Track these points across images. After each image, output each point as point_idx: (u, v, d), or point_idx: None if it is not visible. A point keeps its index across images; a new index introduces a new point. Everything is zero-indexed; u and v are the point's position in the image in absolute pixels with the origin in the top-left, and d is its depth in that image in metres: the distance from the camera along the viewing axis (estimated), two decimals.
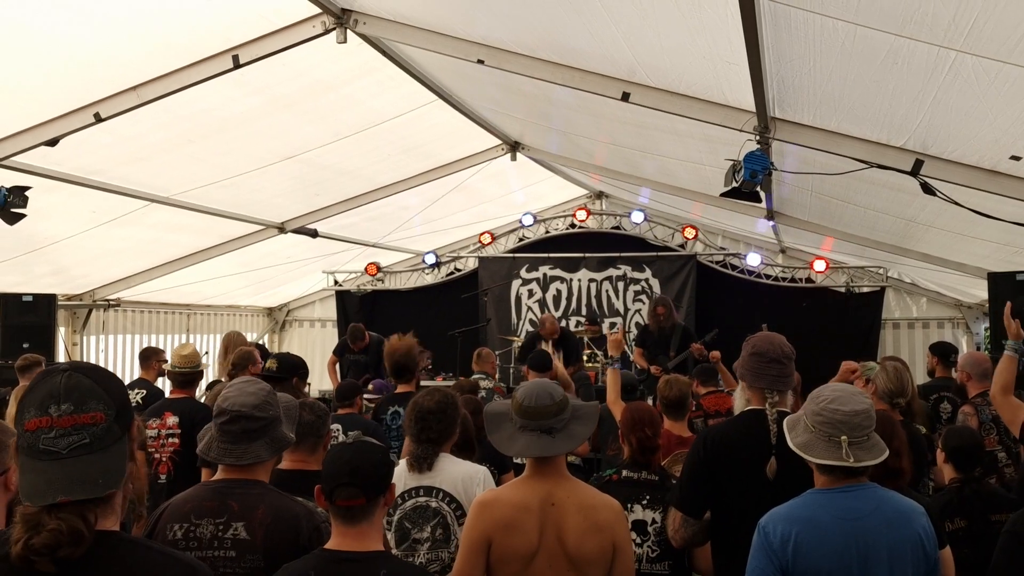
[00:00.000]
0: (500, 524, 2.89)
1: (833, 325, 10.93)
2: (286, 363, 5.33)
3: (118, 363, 10.44)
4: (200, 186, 7.58)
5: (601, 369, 9.10)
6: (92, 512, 1.68)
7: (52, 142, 5.73)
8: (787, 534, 2.61)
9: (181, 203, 7.81)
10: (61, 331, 9.18)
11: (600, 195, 12.80)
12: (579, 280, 12.08)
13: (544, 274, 12.15)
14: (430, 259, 12.45)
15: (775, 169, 5.22)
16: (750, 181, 4.90)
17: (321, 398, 8.92)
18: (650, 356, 9.38)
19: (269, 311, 13.60)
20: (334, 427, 4.80)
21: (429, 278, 12.72)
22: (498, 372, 9.27)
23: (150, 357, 6.90)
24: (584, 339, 10.34)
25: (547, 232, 12.55)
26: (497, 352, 9.77)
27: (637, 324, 11.65)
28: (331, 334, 12.90)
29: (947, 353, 6.74)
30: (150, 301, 10.77)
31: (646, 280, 11.89)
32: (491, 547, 2.90)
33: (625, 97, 5.31)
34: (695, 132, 6.20)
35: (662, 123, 6.21)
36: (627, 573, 2.95)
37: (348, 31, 5.38)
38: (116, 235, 8.24)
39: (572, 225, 12.35)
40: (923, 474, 4.40)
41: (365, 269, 12.39)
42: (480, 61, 5.51)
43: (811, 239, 10.31)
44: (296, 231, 9.60)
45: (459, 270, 12.71)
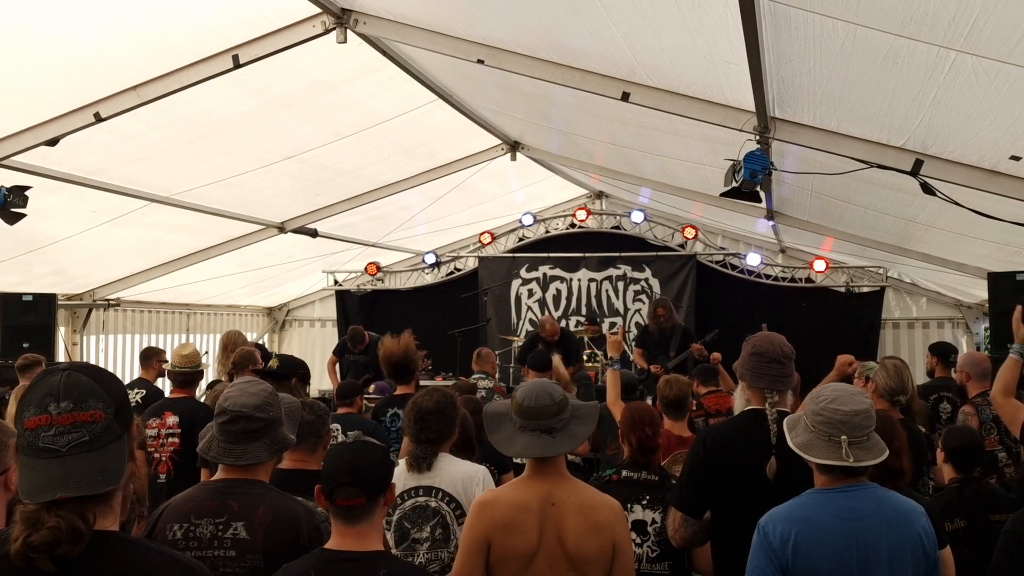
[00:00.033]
0: (500, 524, 2.89)
1: (833, 325, 10.92)
2: (287, 362, 5.32)
3: (118, 363, 10.43)
4: (200, 186, 7.57)
5: (601, 369, 9.10)
6: (91, 511, 1.68)
7: (52, 142, 5.73)
8: (787, 534, 2.61)
9: (181, 203, 7.81)
10: (61, 331, 9.18)
11: (600, 195, 12.80)
12: (579, 280, 12.08)
13: (544, 274, 12.15)
14: (430, 259, 12.44)
15: (775, 169, 5.22)
16: (750, 181, 4.90)
17: (321, 398, 8.93)
18: (650, 357, 9.39)
19: (269, 311, 13.60)
20: (333, 427, 4.80)
21: (429, 278, 12.72)
22: (498, 372, 9.28)
23: (151, 357, 6.90)
24: (584, 339, 10.34)
25: (547, 232, 12.55)
26: (497, 352, 9.77)
27: (637, 324, 11.64)
28: (331, 334, 12.90)
29: (947, 353, 6.73)
30: (150, 301, 10.77)
31: (646, 280, 11.89)
32: (491, 547, 2.89)
33: (625, 97, 5.31)
34: (695, 132, 6.20)
35: (662, 123, 6.21)
36: (627, 573, 2.95)
37: (348, 31, 5.38)
38: (116, 235, 8.24)
39: (572, 225, 12.34)
40: (923, 474, 4.41)
41: (365, 269, 12.39)
42: (480, 61, 5.51)
43: (811, 239, 10.30)
44: (296, 231, 9.60)
45: (459, 270, 12.70)
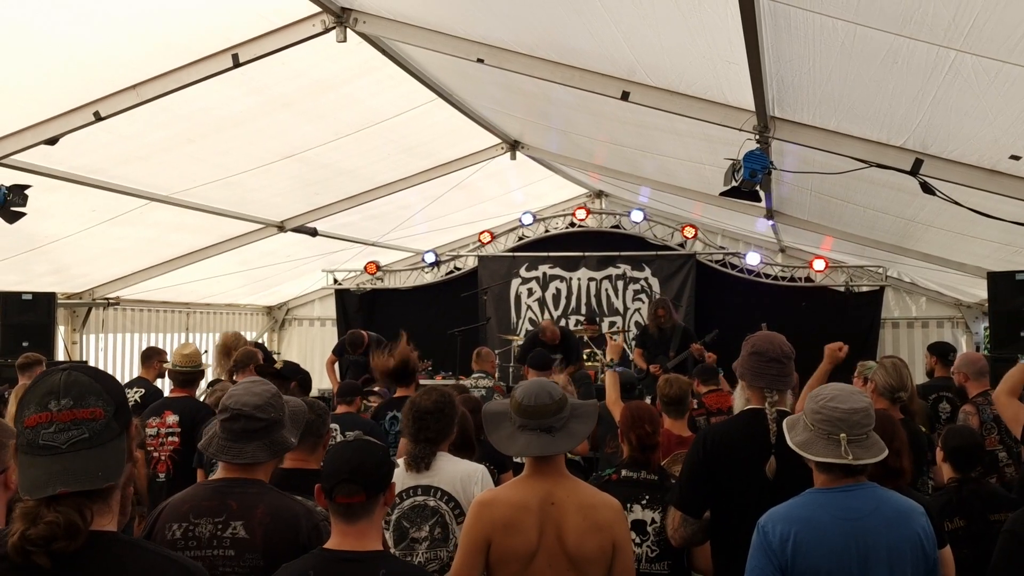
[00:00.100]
0: (499, 524, 2.88)
1: (832, 324, 10.88)
2: (291, 366, 5.42)
3: (117, 362, 10.43)
4: (200, 185, 7.57)
5: (600, 369, 9.10)
6: (89, 508, 1.68)
7: (52, 141, 5.73)
8: (786, 534, 2.61)
9: (181, 202, 7.81)
10: (61, 330, 9.17)
11: (600, 194, 12.80)
12: (578, 279, 12.08)
13: (544, 273, 12.15)
14: (429, 258, 12.43)
15: (775, 168, 5.22)
16: (750, 180, 4.90)
17: (320, 397, 8.92)
18: (650, 357, 9.39)
19: (268, 310, 13.60)
20: (332, 427, 4.79)
21: (428, 277, 12.72)
22: (498, 371, 9.28)
23: (151, 357, 6.90)
24: (583, 338, 10.34)
25: (547, 231, 12.55)
26: (497, 351, 9.78)
27: (637, 323, 11.65)
28: (330, 333, 12.90)
29: (945, 352, 6.73)
30: (149, 300, 10.76)
31: (645, 279, 11.89)
32: (490, 547, 2.89)
33: (625, 96, 5.31)
34: (695, 131, 6.20)
35: (662, 122, 6.21)
36: (627, 572, 2.95)
37: (348, 30, 5.38)
38: (115, 234, 8.24)
39: (572, 224, 12.34)
40: (923, 474, 4.41)
41: (364, 268, 12.38)
42: (480, 60, 5.51)
43: (810, 238, 10.30)
44: (296, 230, 9.60)
45: (458, 269, 12.70)
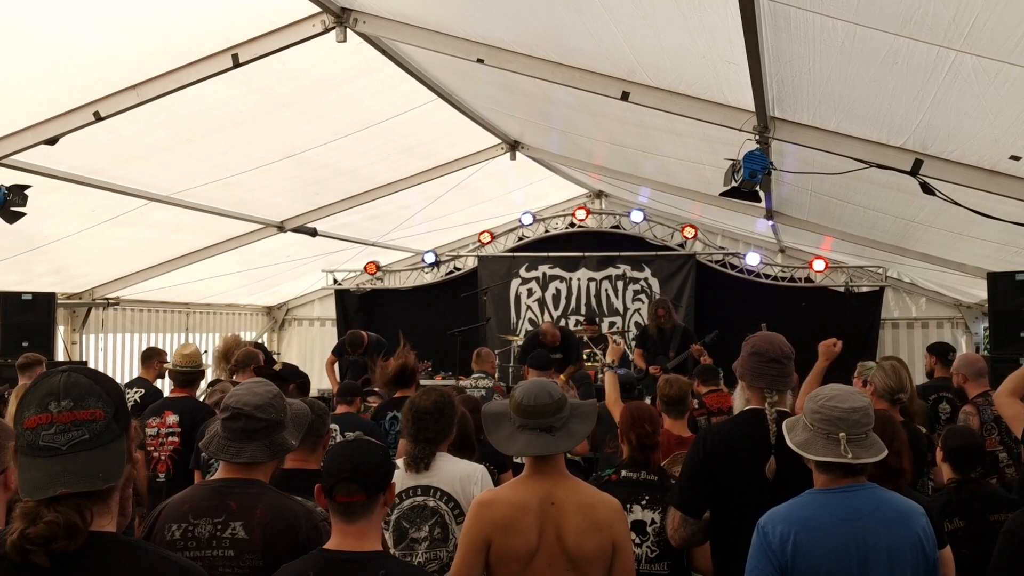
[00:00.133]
0: (499, 524, 2.88)
1: (832, 325, 10.76)
2: (291, 369, 5.44)
3: (117, 362, 10.42)
4: (199, 185, 7.57)
5: (600, 370, 9.10)
6: (89, 509, 1.68)
7: (52, 141, 5.73)
8: (786, 534, 2.61)
9: (180, 202, 7.80)
10: (60, 330, 9.17)
11: (600, 194, 12.80)
12: (578, 279, 12.08)
13: (543, 273, 12.15)
14: (429, 258, 12.43)
15: (774, 169, 5.22)
16: (749, 180, 4.90)
17: (320, 397, 8.92)
18: (650, 357, 9.39)
19: (268, 310, 13.60)
20: (332, 427, 4.79)
21: (428, 277, 12.72)
22: (497, 371, 9.28)
23: (152, 357, 6.90)
24: (583, 338, 10.34)
25: (546, 231, 12.55)
26: (497, 351, 9.78)
27: (636, 323, 11.65)
28: (330, 333, 12.90)
29: (945, 353, 6.71)
30: (149, 300, 10.76)
31: (645, 279, 11.89)
32: (490, 547, 2.89)
33: (625, 96, 5.31)
34: (695, 132, 6.20)
35: (662, 123, 6.21)
36: (627, 572, 2.95)
37: (348, 30, 5.38)
38: (115, 234, 8.24)
39: (571, 224, 12.33)
40: (923, 474, 4.40)
41: (364, 268, 12.38)
42: (480, 60, 5.51)
43: (810, 239, 10.31)
44: (295, 230, 9.60)
45: (458, 269, 12.70)
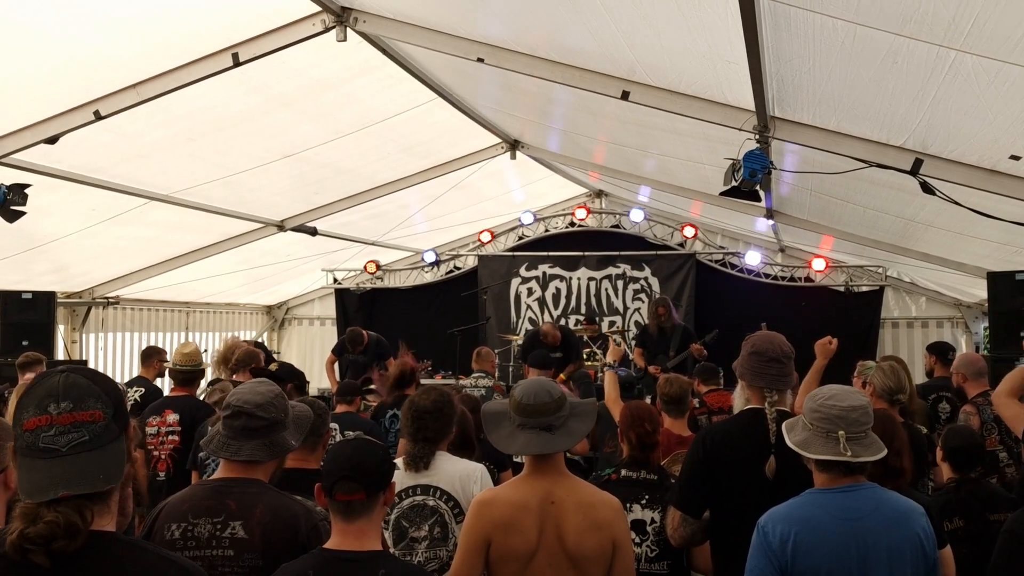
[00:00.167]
0: (499, 524, 2.88)
1: (832, 324, 10.78)
2: (288, 368, 5.44)
3: (117, 361, 10.42)
4: (200, 184, 7.57)
5: (600, 369, 9.11)
6: (89, 509, 1.68)
7: (52, 140, 5.73)
8: (786, 534, 2.61)
9: (181, 201, 7.80)
10: (60, 329, 9.18)
11: (600, 194, 12.80)
12: (578, 279, 12.08)
13: (543, 272, 12.15)
14: (429, 257, 12.43)
15: (774, 168, 5.22)
16: (749, 180, 4.90)
17: (320, 396, 8.93)
18: (650, 356, 9.39)
19: (268, 309, 13.60)
20: (332, 426, 4.80)
21: (428, 276, 12.72)
22: (497, 371, 9.28)
23: (152, 356, 6.90)
24: (583, 338, 10.35)
25: (546, 230, 12.55)
26: (497, 351, 9.78)
27: (636, 323, 11.65)
28: (330, 332, 12.89)
29: (945, 352, 6.71)
30: (149, 299, 10.76)
31: (645, 279, 11.89)
32: (490, 546, 2.89)
33: (625, 96, 5.30)
34: (695, 131, 6.19)
35: (662, 122, 6.20)
36: (627, 571, 2.95)
37: (348, 29, 5.38)
38: (115, 233, 8.24)
39: (571, 223, 12.34)
40: (923, 474, 4.40)
41: (364, 267, 12.38)
42: (480, 60, 5.51)
43: (810, 238, 10.30)
44: (295, 229, 9.60)
45: (458, 268, 12.70)
